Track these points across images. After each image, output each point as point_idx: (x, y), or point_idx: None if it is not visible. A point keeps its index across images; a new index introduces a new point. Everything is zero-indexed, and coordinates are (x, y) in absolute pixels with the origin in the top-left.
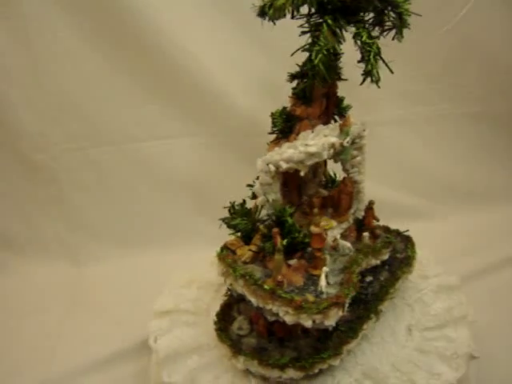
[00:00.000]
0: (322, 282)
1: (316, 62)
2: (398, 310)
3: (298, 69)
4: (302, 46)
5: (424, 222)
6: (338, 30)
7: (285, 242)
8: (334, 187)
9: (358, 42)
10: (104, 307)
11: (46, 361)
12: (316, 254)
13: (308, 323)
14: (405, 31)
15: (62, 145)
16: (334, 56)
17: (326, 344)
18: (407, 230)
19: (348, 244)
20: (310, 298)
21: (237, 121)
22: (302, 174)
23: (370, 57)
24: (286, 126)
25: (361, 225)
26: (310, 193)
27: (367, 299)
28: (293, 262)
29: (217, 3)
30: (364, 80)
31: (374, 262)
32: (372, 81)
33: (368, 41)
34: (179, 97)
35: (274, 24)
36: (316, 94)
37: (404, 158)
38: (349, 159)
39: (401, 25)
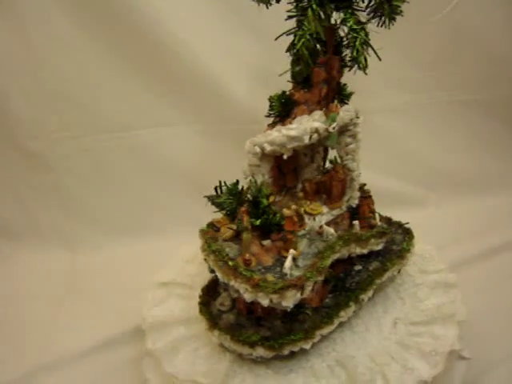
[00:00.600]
0: (287, 263)
1: (298, 46)
2: (390, 302)
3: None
4: (288, 31)
5: (417, 210)
6: (322, 15)
7: (258, 222)
8: (325, 173)
9: (345, 28)
10: (99, 294)
11: (41, 347)
12: (287, 237)
13: (265, 302)
14: (398, 18)
15: (58, 133)
16: (318, 41)
17: (297, 326)
18: (407, 223)
19: (331, 230)
20: (270, 277)
21: (232, 108)
22: (284, 156)
23: (356, 43)
24: (283, 110)
25: (355, 213)
26: (306, 177)
27: (350, 287)
28: (266, 242)
29: None
30: (351, 67)
31: (359, 250)
32: (359, 68)
33: (355, 27)
34: (174, 85)
35: (267, 8)
36: (315, 79)
37: (397, 145)
38: (336, 145)
39: (389, 11)
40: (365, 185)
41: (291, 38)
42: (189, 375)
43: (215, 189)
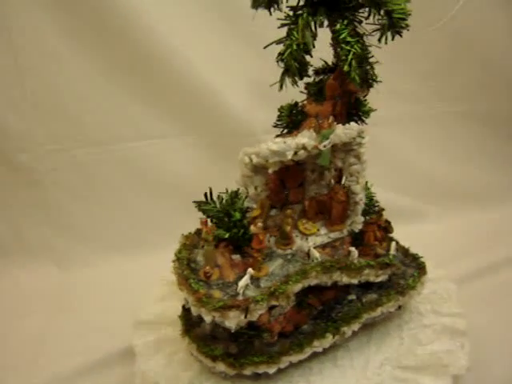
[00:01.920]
0: (241, 282)
1: (284, 56)
2: (388, 339)
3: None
4: (277, 40)
5: (416, 223)
6: (312, 26)
7: (227, 235)
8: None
9: (336, 40)
10: (90, 312)
11: (29, 367)
12: (253, 254)
13: (207, 318)
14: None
15: (47, 145)
16: (305, 52)
17: (263, 348)
18: (422, 257)
19: (316, 254)
20: (216, 293)
21: (226, 121)
22: (269, 170)
23: (348, 57)
24: (291, 122)
25: (358, 240)
26: (311, 195)
27: (334, 317)
28: (235, 257)
29: (205, 1)
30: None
31: (347, 280)
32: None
33: (349, 39)
34: (167, 96)
35: (270, 14)
36: (328, 92)
37: (396, 157)
38: (327, 165)
39: (389, 25)
40: (383, 210)
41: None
42: (154, 377)
43: (205, 195)
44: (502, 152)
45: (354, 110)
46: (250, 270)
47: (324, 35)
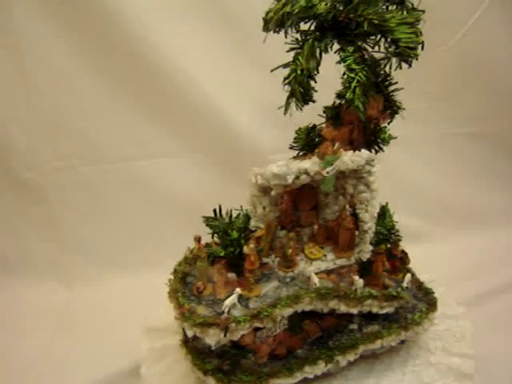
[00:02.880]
0: (227, 301)
1: (289, 80)
2: (389, 373)
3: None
4: (284, 64)
5: (422, 244)
6: (317, 52)
7: (223, 253)
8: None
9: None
10: (95, 331)
11: None
12: (245, 274)
13: (189, 333)
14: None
15: (53, 163)
16: (309, 78)
17: (253, 368)
18: (433, 292)
19: (315, 280)
20: (200, 310)
21: (232, 139)
22: (272, 193)
23: (352, 84)
24: (307, 144)
25: (366, 269)
26: (325, 218)
27: (331, 345)
28: (231, 275)
29: (213, 20)
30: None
31: (345, 309)
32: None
33: (354, 66)
34: (173, 115)
35: (278, 32)
36: (345, 117)
37: (401, 178)
38: (330, 191)
39: (395, 53)
40: (400, 240)
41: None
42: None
43: (214, 211)
44: (507, 173)
45: (373, 137)
46: (237, 289)
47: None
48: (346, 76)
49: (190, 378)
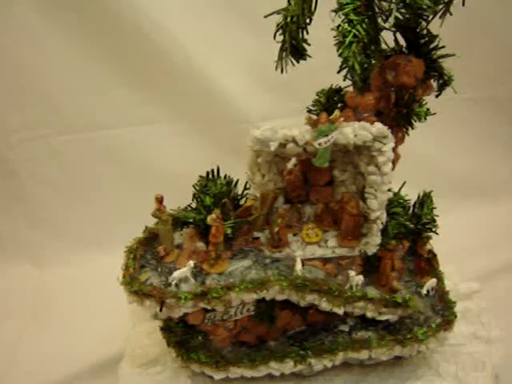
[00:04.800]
0: (176, 273)
1: (280, 26)
2: None
3: None
4: (277, 10)
5: None
6: None
7: (191, 219)
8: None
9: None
10: (69, 316)
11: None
12: (208, 247)
13: (128, 299)
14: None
15: (21, 133)
16: (301, 28)
17: (214, 353)
18: (454, 306)
19: (299, 267)
20: (143, 277)
21: (219, 106)
22: (259, 160)
23: (346, 39)
24: (325, 109)
25: (372, 266)
26: (337, 197)
27: (308, 344)
28: (199, 244)
29: None
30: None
31: (327, 306)
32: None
33: (352, 17)
34: (153, 78)
35: None
36: (373, 82)
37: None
38: (324, 167)
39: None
40: (429, 238)
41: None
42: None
43: (210, 172)
44: None
45: (406, 110)
46: (190, 262)
47: None
48: (340, 28)
49: (181, 379)
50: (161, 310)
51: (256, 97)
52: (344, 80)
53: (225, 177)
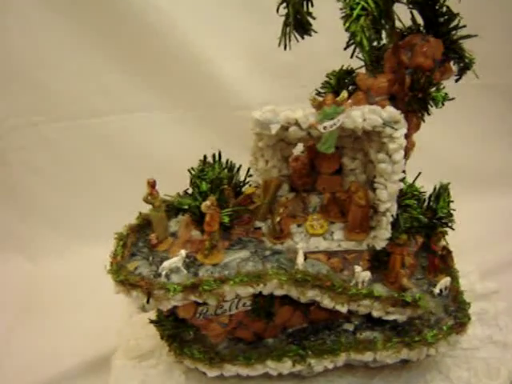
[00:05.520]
0: (166, 262)
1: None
2: None
3: None
4: None
5: None
6: None
7: (186, 206)
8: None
9: None
10: (62, 311)
11: None
12: (203, 236)
13: (115, 290)
14: None
15: (10, 120)
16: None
17: (208, 349)
18: (468, 308)
19: (301, 261)
20: (131, 266)
21: (217, 91)
22: (260, 144)
23: (354, 12)
24: (335, 92)
25: (380, 261)
26: (345, 187)
27: (310, 344)
28: (195, 233)
29: None
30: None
31: (329, 303)
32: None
33: None
34: (149, 62)
35: None
36: (387, 63)
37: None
38: (329, 153)
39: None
40: (445, 233)
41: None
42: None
43: (204, 157)
44: None
45: (421, 94)
46: (182, 251)
47: None
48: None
49: (175, 376)
50: (148, 302)
51: (256, 82)
52: (351, 57)
53: (226, 162)
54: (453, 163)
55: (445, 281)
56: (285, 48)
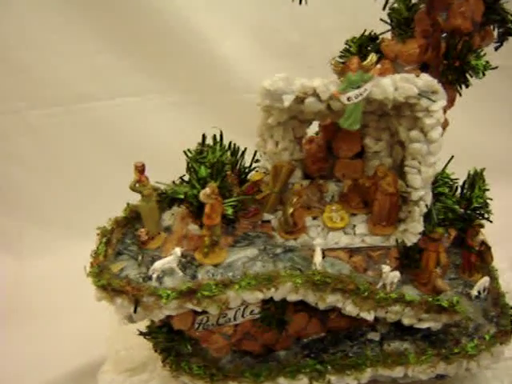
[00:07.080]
0: (158, 264)
1: None
2: None
3: None
4: None
5: None
6: None
7: (182, 195)
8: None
9: None
10: (48, 313)
11: None
12: (203, 232)
13: (96, 297)
14: None
15: None
16: None
17: (208, 361)
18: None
19: (319, 259)
20: (115, 267)
21: (218, 73)
22: (269, 120)
23: None
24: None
25: (411, 260)
26: (368, 172)
27: (322, 356)
28: (192, 227)
29: None
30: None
31: (353, 309)
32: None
33: None
34: (144, 44)
35: None
36: (418, 26)
37: None
38: (353, 129)
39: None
40: (481, 226)
41: None
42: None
43: (203, 138)
44: None
45: (459, 62)
46: (177, 249)
47: None
48: None
49: None
50: (135, 312)
51: (260, 63)
52: (383, 9)
53: (229, 144)
54: (478, 151)
55: (483, 281)
56: (300, 3)
